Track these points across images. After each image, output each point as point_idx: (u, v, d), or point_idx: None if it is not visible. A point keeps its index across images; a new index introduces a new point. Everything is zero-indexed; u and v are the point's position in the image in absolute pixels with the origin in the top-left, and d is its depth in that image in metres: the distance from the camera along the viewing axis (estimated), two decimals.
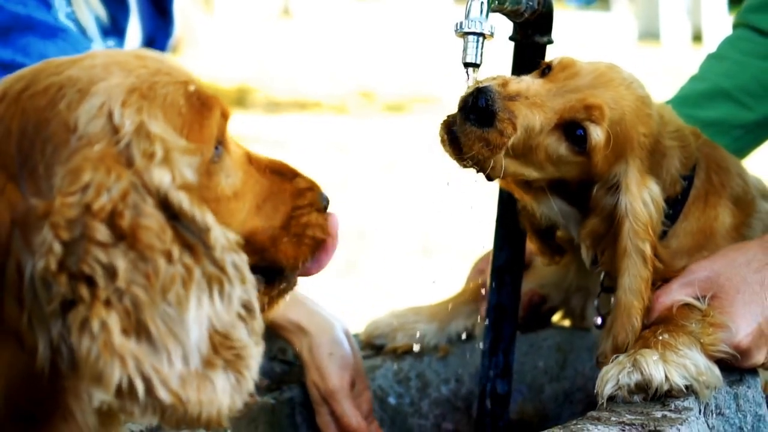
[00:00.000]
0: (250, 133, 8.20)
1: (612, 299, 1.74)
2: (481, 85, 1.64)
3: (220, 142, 1.28)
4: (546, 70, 1.74)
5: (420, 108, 10.33)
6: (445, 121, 1.69)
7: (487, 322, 1.93)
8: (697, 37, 14.46)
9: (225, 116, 1.29)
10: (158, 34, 2.29)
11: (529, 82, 1.70)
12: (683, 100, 2.18)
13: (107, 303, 1.06)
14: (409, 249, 5.91)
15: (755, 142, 2.25)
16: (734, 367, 1.67)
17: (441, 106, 9.73)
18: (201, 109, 1.24)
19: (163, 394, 1.07)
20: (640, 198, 1.69)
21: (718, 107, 2.16)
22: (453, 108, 1.69)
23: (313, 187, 1.42)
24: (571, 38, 9.70)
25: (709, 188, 1.83)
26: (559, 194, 1.77)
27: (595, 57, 1.82)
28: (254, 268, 1.26)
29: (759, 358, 1.66)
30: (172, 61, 1.28)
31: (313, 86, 11.65)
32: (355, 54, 14.04)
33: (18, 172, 1.13)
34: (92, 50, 1.26)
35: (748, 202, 1.88)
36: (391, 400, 2.04)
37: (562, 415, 1.99)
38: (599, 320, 1.85)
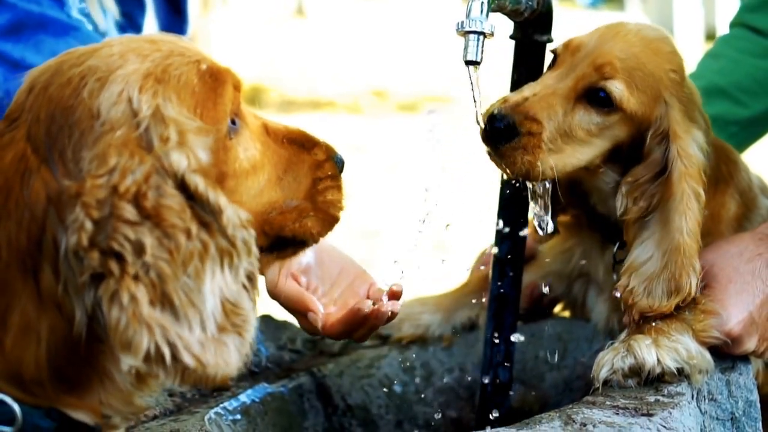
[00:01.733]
0: None
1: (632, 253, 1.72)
2: (485, 114, 1.69)
3: (236, 115, 1.35)
4: (554, 61, 1.79)
5: (433, 107, 10.35)
6: (482, 136, 1.71)
7: (488, 312, 1.97)
8: (710, 36, 14.38)
9: (238, 88, 1.35)
10: (172, 31, 2.32)
11: (529, 86, 1.74)
12: None
13: (136, 277, 1.14)
14: (421, 248, 5.92)
15: (750, 139, 2.29)
16: (727, 355, 1.72)
17: (454, 105, 9.74)
18: (214, 86, 1.30)
19: (187, 359, 1.16)
20: (689, 143, 1.71)
21: (714, 104, 2.19)
22: (465, 108, 1.72)
23: (329, 157, 1.48)
24: None
25: (719, 176, 1.87)
26: (614, 166, 1.78)
27: None
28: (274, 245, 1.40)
29: (750, 345, 1.70)
30: (184, 42, 1.34)
31: (326, 85, 11.66)
32: (369, 53, 14.04)
33: (47, 154, 1.21)
34: (109, 38, 1.33)
35: (751, 197, 1.93)
36: (397, 388, 2.07)
37: (562, 403, 2.02)
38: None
